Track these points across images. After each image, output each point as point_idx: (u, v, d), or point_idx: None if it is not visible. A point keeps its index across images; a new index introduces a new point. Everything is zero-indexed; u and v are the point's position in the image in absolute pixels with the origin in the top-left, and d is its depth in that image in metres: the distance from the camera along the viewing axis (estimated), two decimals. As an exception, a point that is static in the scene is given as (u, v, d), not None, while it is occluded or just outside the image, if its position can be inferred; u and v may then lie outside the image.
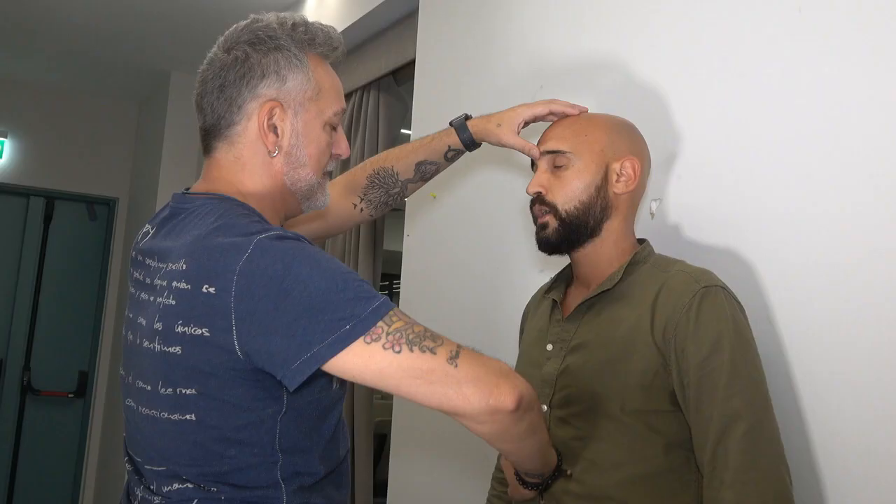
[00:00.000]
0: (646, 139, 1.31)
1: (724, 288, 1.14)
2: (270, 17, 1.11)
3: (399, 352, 0.92)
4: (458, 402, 0.93)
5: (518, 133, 1.36)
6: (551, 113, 1.34)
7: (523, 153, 1.34)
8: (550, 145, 1.26)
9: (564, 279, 1.34)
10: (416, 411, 2.30)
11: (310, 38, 1.11)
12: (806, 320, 1.21)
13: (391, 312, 0.94)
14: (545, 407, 1.22)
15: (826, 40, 1.23)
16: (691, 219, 1.43)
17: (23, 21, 3.76)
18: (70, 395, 4.67)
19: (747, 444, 1.03)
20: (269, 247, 0.94)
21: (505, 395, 0.94)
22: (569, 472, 1.16)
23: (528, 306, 1.48)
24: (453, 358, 0.94)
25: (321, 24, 1.14)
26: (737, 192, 1.35)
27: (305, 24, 1.11)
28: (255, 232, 0.96)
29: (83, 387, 4.70)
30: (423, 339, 0.94)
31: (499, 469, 1.46)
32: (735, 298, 1.15)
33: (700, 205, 1.42)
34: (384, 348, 0.92)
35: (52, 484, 4.63)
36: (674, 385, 1.12)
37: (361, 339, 0.91)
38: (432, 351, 0.93)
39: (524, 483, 1.18)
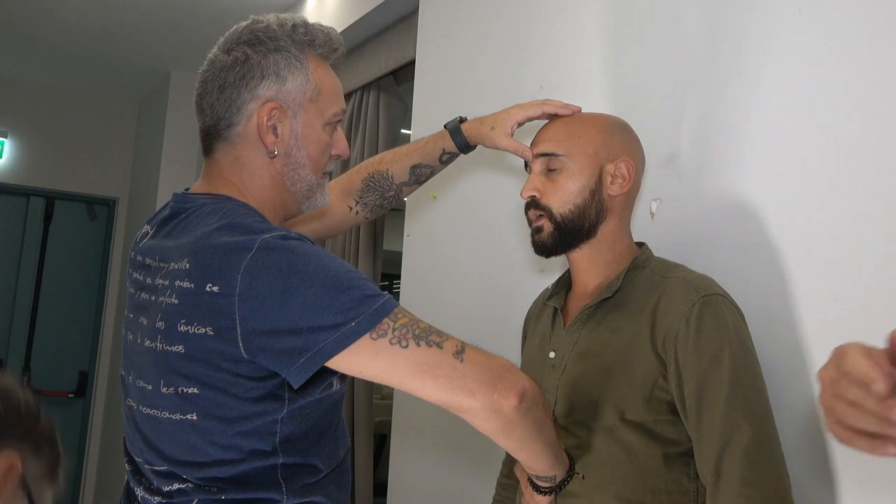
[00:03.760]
0: (645, 139, 1.31)
1: (724, 296, 1.14)
2: (270, 18, 1.11)
3: (406, 346, 0.93)
4: (463, 396, 0.94)
5: (512, 135, 1.36)
6: (544, 114, 1.33)
7: (517, 155, 1.34)
8: (543, 147, 1.25)
9: (564, 285, 1.33)
10: (417, 411, 2.30)
11: (310, 40, 1.11)
12: (808, 320, 1.21)
13: (396, 310, 0.95)
14: None
15: (826, 40, 1.24)
16: (691, 219, 1.43)
17: (23, 21, 3.76)
18: (70, 395, 4.68)
19: (750, 457, 1.03)
20: (274, 246, 0.94)
21: (508, 390, 0.94)
22: (582, 475, 1.15)
23: (529, 313, 1.47)
24: (459, 353, 0.95)
25: (321, 26, 1.14)
26: (737, 193, 1.35)
27: (305, 25, 1.11)
28: (260, 231, 0.96)
29: (83, 387, 4.70)
30: (430, 334, 0.95)
31: (504, 475, 1.46)
32: (735, 306, 1.14)
33: (700, 205, 1.42)
34: (391, 343, 0.92)
35: (53, 484, 4.62)
36: (673, 394, 1.12)
37: (367, 335, 0.92)
38: (439, 346, 0.94)
39: (538, 489, 1.16)
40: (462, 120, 1.42)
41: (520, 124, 1.36)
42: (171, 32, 3.83)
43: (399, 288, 2.45)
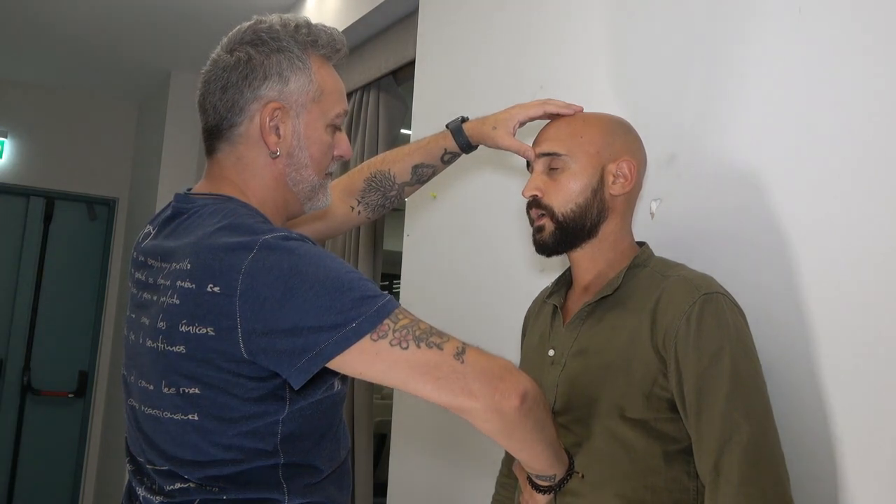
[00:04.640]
0: (646, 139, 1.31)
1: (725, 294, 1.14)
2: (273, 18, 1.11)
3: (406, 348, 0.93)
4: (464, 397, 0.94)
5: (514, 135, 1.36)
6: (546, 113, 1.33)
7: (519, 155, 1.34)
8: (545, 147, 1.25)
9: (565, 283, 1.33)
10: (416, 411, 2.30)
11: (312, 40, 1.11)
12: (808, 319, 1.21)
13: (397, 310, 0.95)
14: None
15: (826, 40, 1.24)
16: (691, 219, 1.43)
17: (23, 21, 3.76)
18: (70, 395, 4.68)
19: (749, 456, 1.03)
20: (275, 246, 0.94)
21: (510, 391, 0.94)
22: (581, 475, 1.16)
23: (529, 311, 1.47)
24: (460, 354, 0.95)
25: (324, 26, 1.14)
26: (737, 192, 1.35)
27: (308, 25, 1.11)
28: (261, 232, 0.96)
29: (83, 387, 4.70)
30: (430, 335, 0.95)
31: (504, 475, 1.46)
32: (736, 305, 1.14)
33: (700, 205, 1.42)
34: (391, 345, 0.92)
35: (52, 484, 4.63)
36: (673, 392, 1.12)
37: (368, 336, 0.92)
38: (439, 347, 0.94)
39: (537, 488, 1.17)
40: (464, 119, 1.42)
41: (521, 124, 1.37)
42: (171, 32, 3.83)
43: (399, 288, 2.45)
